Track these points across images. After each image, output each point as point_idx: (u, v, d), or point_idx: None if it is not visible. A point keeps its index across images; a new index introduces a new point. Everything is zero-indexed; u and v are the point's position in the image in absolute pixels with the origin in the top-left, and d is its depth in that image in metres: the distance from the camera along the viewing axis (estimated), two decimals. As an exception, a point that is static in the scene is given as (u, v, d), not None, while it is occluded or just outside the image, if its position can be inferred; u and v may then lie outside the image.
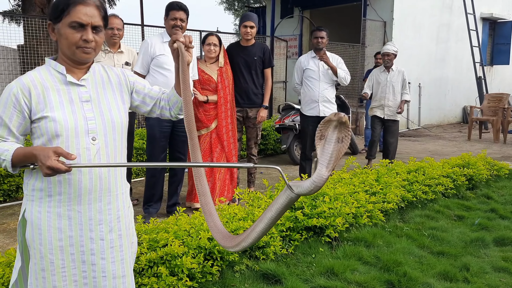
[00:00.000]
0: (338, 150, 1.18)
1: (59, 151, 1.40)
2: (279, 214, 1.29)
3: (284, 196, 1.26)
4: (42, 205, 1.57)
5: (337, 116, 1.15)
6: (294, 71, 5.30)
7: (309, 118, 5.11)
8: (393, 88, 5.99)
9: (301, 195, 1.24)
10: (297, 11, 13.11)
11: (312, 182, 1.19)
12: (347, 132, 1.18)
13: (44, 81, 1.57)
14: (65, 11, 1.53)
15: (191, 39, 1.67)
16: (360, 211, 3.58)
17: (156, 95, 1.81)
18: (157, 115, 1.85)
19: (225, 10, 27.85)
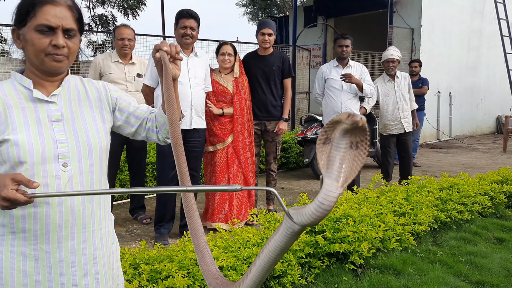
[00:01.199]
0: (353, 158, 0.86)
1: (18, 179, 1.14)
2: (278, 253, 0.96)
3: (283, 228, 0.93)
4: (4, 244, 1.32)
5: (351, 119, 0.81)
6: (315, 81, 5.01)
7: None
8: (403, 97, 5.46)
9: (305, 225, 0.89)
10: (321, 19, 12.84)
11: (318, 206, 0.84)
12: (365, 136, 0.86)
13: (6, 97, 1.32)
14: (30, 13, 1.29)
15: (178, 49, 1.39)
16: (388, 234, 3.23)
17: (142, 115, 1.54)
18: (142, 138, 1.58)
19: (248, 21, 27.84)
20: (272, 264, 0.99)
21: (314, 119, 6.67)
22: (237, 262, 2.57)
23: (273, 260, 0.98)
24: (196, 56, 3.70)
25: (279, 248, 0.95)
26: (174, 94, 1.35)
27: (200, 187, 1.17)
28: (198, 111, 3.65)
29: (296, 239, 0.93)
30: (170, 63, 1.38)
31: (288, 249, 0.96)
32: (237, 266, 2.54)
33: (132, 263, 2.42)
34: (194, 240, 1.29)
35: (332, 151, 0.86)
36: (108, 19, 12.89)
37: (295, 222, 0.89)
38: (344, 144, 0.85)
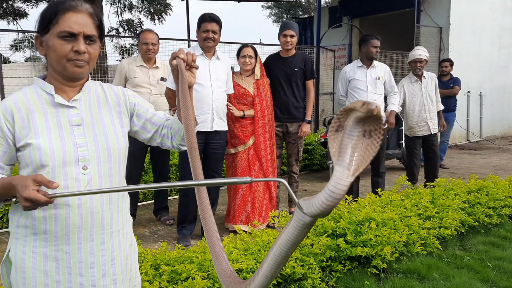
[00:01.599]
0: (365, 147, 0.82)
1: (38, 179, 1.17)
2: (290, 246, 0.92)
3: (294, 220, 0.90)
4: (26, 245, 1.36)
5: (365, 107, 0.77)
6: (338, 82, 4.93)
7: None
8: (430, 98, 5.34)
9: (315, 216, 0.85)
10: (346, 20, 12.71)
11: (328, 195, 0.81)
12: (379, 125, 0.82)
13: (29, 103, 1.37)
14: (53, 20, 1.32)
15: (194, 57, 1.41)
16: (412, 238, 3.17)
17: (159, 122, 1.57)
18: (157, 144, 1.61)
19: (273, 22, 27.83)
20: (284, 258, 0.97)
21: (338, 120, 6.61)
22: (256, 264, 2.57)
23: (285, 254, 0.95)
24: (218, 59, 3.72)
25: (291, 241, 0.92)
26: (189, 100, 1.36)
27: (211, 181, 1.17)
28: (220, 113, 3.68)
29: (308, 231, 0.90)
30: (186, 70, 1.39)
31: (299, 243, 0.93)
32: (257, 268, 2.54)
33: (153, 264, 2.45)
34: (208, 241, 1.30)
35: (344, 139, 0.83)
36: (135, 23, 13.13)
37: (305, 213, 0.87)
38: (357, 132, 0.82)
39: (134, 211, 4.37)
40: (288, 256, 0.95)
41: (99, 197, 1.39)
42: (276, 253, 0.94)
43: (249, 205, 4.15)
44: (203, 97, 3.57)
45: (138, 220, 4.48)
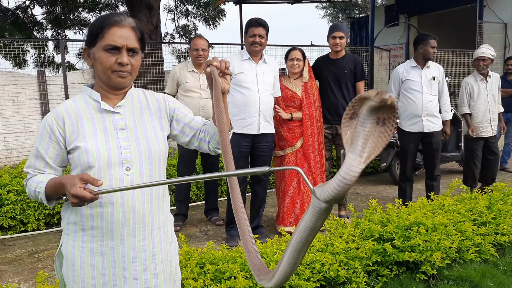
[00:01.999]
0: (378, 135, 0.83)
1: (85, 178, 1.28)
2: (309, 233, 0.96)
3: (311, 207, 0.93)
4: (76, 240, 1.48)
5: (379, 96, 0.78)
6: (390, 82, 4.79)
7: (410, 134, 4.58)
8: (494, 98, 5.14)
9: (329, 201, 0.88)
10: (403, 18, 12.36)
11: (339, 180, 0.83)
12: (393, 113, 0.82)
13: (78, 109, 1.49)
14: (99, 34, 1.43)
15: (228, 65, 1.45)
16: (465, 244, 3.05)
17: (196, 126, 1.64)
18: (195, 147, 1.67)
19: (328, 23, 27.53)
20: (304, 245, 1.00)
21: (392, 122, 6.45)
22: (300, 267, 2.59)
23: (305, 241, 0.99)
24: (265, 63, 3.78)
25: (310, 228, 0.95)
26: (223, 106, 1.40)
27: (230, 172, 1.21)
28: (266, 116, 3.72)
29: (325, 217, 0.92)
30: (220, 77, 1.44)
31: (318, 229, 0.95)
32: (300, 270, 2.56)
33: (198, 262, 2.54)
34: (241, 237, 1.34)
35: (358, 126, 0.84)
36: (190, 29, 13.51)
37: (319, 199, 0.89)
38: (371, 120, 0.83)
39: (186, 211, 4.51)
40: (309, 243, 0.98)
41: (141, 196, 1.48)
42: (297, 239, 0.98)
43: (298, 207, 4.16)
44: (250, 101, 3.63)
45: (190, 220, 4.63)
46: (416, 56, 4.60)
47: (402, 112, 4.63)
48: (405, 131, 4.60)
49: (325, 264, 2.65)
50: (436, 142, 4.59)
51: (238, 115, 3.67)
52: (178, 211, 4.47)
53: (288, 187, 4.15)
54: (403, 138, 4.66)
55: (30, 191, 1.45)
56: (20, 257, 3.75)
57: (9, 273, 3.42)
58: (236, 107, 3.67)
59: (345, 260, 2.74)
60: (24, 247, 3.99)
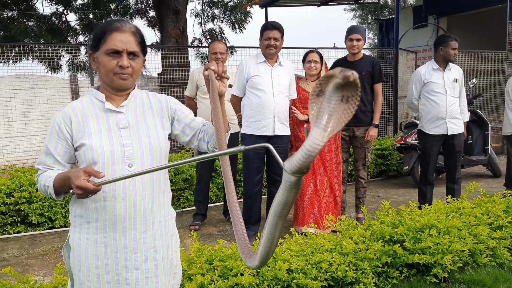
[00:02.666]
0: (342, 111, 0.89)
1: (88, 171, 1.38)
2: (282, 207, 1.00)
3: (283, 181, 0.99)
4: (82, 232, 1.59)
5: (342, 73, 0.84)
6: (411, 84, 4.69)
7: (433, 137, 4.51)
8: None
9: (295, 172, 0.93)
10: (431, 19, 12.16)
11: (304, 153, 0.89)
12: (356, 91, 0.88)
13: (84, 109, 1.60)
14: (101, 39, 1.54)
15: (225, 69, 1.53)
16: (479, 247, 3.02)
17: (196, 126, 1.72)
18: (195, 147, 1.76)
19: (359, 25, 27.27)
20: (279, 219, 1.04)
21: (415, 124, 6.38)
22: (307, 266, 2.64)
23: (279, 215, 1.03)
24: (280, 65, 3.84)
25: (282, 202, 1.00)
26: (220, 107, 1.45)
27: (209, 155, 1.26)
28: (281, 118, 3.79)
29: (296, 191, 0.97)
30: (218, 80, 1.51)
31: (291, 203, 1.00)
32: (307, 269, 2.60)
33: (208, 259, 2.62)
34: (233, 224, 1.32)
35: (323, 103, 0.90)
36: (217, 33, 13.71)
37: (286, 170, 0.94)
38: (336, 97, 0.88)
39: (205, 211, 4.61)
40: (284, 217, 1.03)
41: (142, 191, 1.58)
42: (272, 214, 1.03)
43: (316, 208, 4.20)
44: (265, 103, 3.71)
45: (209, 220, 4.73)
46: (437, 57, 4.54)
47: (425, 115, 4.55)
48: (428, 134, 4.53)
49: (333, 264, 2.68)
50: (458, 144, 4.54)
51: (253, 117, 3.75)
52: (197, 211, 4.58)
53: (306, 188, 4.19)
54: (426, 141, 4.58)
55: (40, 185, 1.57)
56: (47, 252, 3.94)
57: (36, 267, 3.61)
58: (251, 109, 3.75)
59: (353, 260, 2.77)
60: (51, 242, 4.19)
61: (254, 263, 1.14)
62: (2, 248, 4.08)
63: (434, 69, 4.52)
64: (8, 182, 4.48)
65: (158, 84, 8.33)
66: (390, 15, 22.35)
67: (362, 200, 4.53)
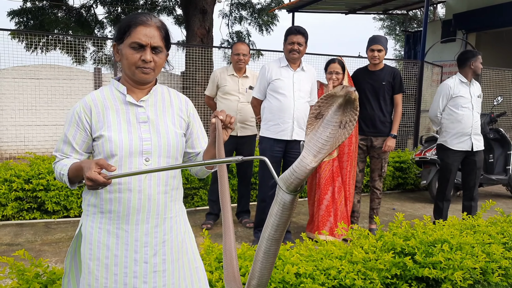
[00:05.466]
0: (337, 137, 0.87)
1: (100, 163, 1.38)
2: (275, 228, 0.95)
3: (276, 197, 0.96)
4: (95, 221, 1.61)
5: (345, 90, 0.83)
6: (438, 97, 4.54)
7: (456, 153, 4.43)
8: None
9: (284, 190, 0.91)
10: (460, 34, 12.00)
11: (291, 173, 0.88)
12: (354, 116, 0.86)
13: (105, 100, 1.62)
14: (126, 32, 1.56)
15: (232, 120, 1.55)
16: (491, 266, 2.96)
17: (197, 148, 1.76)
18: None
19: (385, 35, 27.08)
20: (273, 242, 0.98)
21: (435, 139, 6.30)
22: (316, 271, 2.63)
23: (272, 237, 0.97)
24: (303, 71, 3.85)
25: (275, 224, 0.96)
26: (223, 152, 1.42)
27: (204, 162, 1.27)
28: (300, 123, 3.79)
29: (290, 212, 0.93)
30: (223, 129, 1.53)
31: (285, 226, 0.95)
32: (315, 275, 2.60)
33: (217, 257, 2.64)
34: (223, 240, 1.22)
35: (320, 127, 0.88)
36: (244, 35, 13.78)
37: (279, 185, 0.93)
38: (334, 123, 0.87)
39: (218, 211, 4.64)
40: (278, 241, 0.98)
41: (156, 186, 1.60)
42: (266, 237, 0.99)
43: (332, 216, 4.18)
44: (285, 107, 3.71)
45: (221, 220, 4.75)
46: (466, 72, 4.43)
47: (449, 130, 4.45)
48: (451, 149, 4.45)
49: (342, 271, 2.67)
50: (480, 160, 4.48)
51: (272, 120, 3.76)
52: (210, 211, 4.61)
53: (323, 196, 4.17)
54: (448, 157, 4.49)
55: (57, 173, 1.60)
56: (60, 240, 4.02)
57: (48, 253, 3.68)
58: (271, 112, 3.76)
59: (363, 270, 2.75)
60: (65, 231, 4.27)
61: None
62: (17, 233, 4.17)
63: (462, 82, 4.43)
64: (27, 168, 4.59)
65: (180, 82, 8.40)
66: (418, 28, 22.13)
67: (376, 211, 4.50)
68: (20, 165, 4.66)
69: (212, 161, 1.25)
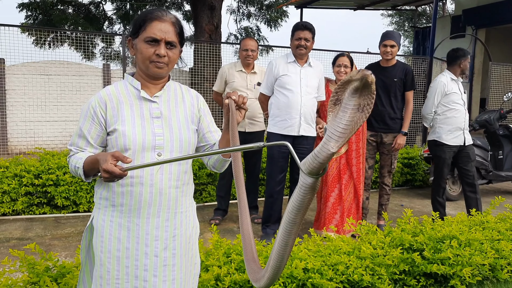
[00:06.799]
0: (356, 121, 0.88)
1: (116, 155, 1.39)
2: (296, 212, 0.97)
3: (299, 182, 0.97)
4: (106, 214, 1.62)
5: (361, 73, 0.83)
6: (433, 93, 4.51)
7: (451, 148, 4.48)
8: None
9: (309, 173, 0.93)
10: (470, 30, 11.90)
11: (313, 157, 0.90)
12: (371, 99, 0.87)
13: (119, 95, 1.63)
14: (142, 27, 1.58)
15: (245, 100, 1.58)
16: (500, 262, 2.95)
17: (210, 140, 1.77)
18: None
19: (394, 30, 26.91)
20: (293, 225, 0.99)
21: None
22: (324, 266, 2.63)
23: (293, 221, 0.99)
24: (310, 66, 3.84)
25: (296, 207, 0.98)
26: (237, 135, 1.47)
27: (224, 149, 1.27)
28: (308, 119, 3.78)
29: (311, 195, 0.96)
30: (236, 110, 1.56)
31: (306, 209, 0.97)
32: (323, 270, 2.60)
33: (226, 252, 2.65)
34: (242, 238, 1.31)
35: (339, 112, 0.89)
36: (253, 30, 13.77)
37: (303, 170, 0.94)
38: (352, 106, 0.88)
39: (226, 207, 4.65)
40: (298, 224, 1.00)
41: (168, 180, 1.61)
42: (286, 220, 1.01)
43: (339, 213, 4.17)
44: (292, 102, 3.71)
45: (230, 216, 4.77)
46: (454, 70, 4.49)
47: (444, 126, 4.48)
48: (446, 144, 4.48)
49: (350, 267, 2.67)
50: (472, 153, 4.59)
51: (279, 116, 3.76)
52: (219, 206, 4.63)
53: (330, 193, 4.17)
54: (444, 152, 4.51)
55: (71, 166, 1.61)
56: (70, 235, 4.05)
57: (58, 248, 3.72)
58: (278, 108, 3.76)
59: (371, 265, 2.75)
60: (75, 226, 4.31)
61: (263, 281, 1.09)
62: (28, 227, 4.22)
63: (453, 79, 4.50)
64: (37, 164, 4.63)
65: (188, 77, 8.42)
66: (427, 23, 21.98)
67: (384, 207, 4.49)
68: (30, 161, 4.71)
69: (232, 149, 1.24)
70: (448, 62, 4.56)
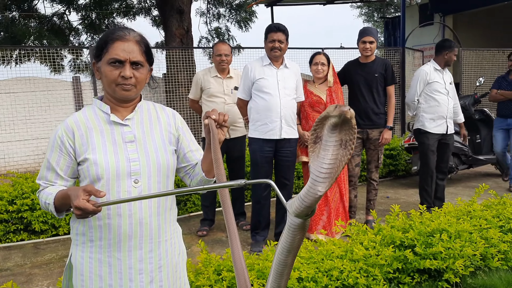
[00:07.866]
0: (340, 158, 0.81)
1: (88, 189, 1.29)
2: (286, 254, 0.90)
3: (287, 222, 0.90)
4: (85, 250, 1.51)
5: (339, 109, 0.76)
6: (415, 81, 4.64)
7: (434, 135, 4.57)
8: None
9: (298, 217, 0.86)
10: (437, 17, 12.04)
11: (300, 201, 0.83)
12: (353, 134, 0.80)
13: (88, 121, 1.52)
14: (104, 49, 1.48)
15: (226, 118, 1.49)
16: (490, 251, 2.95)
17: (191, 160, 1.67)
18: (180, 176, 1.73)
19: (363, 22, 27.15)
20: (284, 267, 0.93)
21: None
22: (318, 273, 2.58)
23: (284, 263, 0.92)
24: (286, 68, 3.77)
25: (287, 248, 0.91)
26: (221, 157, 1.35)
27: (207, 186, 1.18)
28: (289, 121, 3.72)
29: (301, 235, 0.89)
30: (217, 128, 1.47)
31: (296, 250, 0.91)
32: (318, 277, 2.54)
33: (216, 269, 2.56)
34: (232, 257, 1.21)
35: (321, 151, 0.83)
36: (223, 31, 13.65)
37: (288, 212, 0.88)
38: (333, 142, 0.81)
39: (213, 216, 4.56)
40: (290, 266, 0.93)
41: (148, 209, 1.51)
42: (276, 262, 0.94)
43: (325, 214, 4.13)
44: (271, 106, 3.64)
45: (217, 225, 4.67)
46: (439, 60, 4.60)
47: (426, 114, 4.58)
48: (429, 132, 4.56)
49: (344, 271, 2.62)
50: (452, 143, 4.71)
51: (260, 120, 3.69)
52: (205, 216, 4.52)
53: None
54: (428, 139, 4.58)
55: (41, 202, 1.50)
56: (51, 261, 3.89)
57: (39, 277, 3.56)
58: (258, 112, 3.69)
59: (364, 267, 2.71)
60: (55, 250, 4.14)
61: None
62: (6, 256, 4.03)
63: (436, 69, 4.59)
64: (10, 189, 4.43)
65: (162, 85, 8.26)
66: (396, 13, 22.21)
67: (373, 202, 4.48)
68: (2, 186, 4.51)
69: (211, 186, 1.16)
70: (436, 52, 4.66)
